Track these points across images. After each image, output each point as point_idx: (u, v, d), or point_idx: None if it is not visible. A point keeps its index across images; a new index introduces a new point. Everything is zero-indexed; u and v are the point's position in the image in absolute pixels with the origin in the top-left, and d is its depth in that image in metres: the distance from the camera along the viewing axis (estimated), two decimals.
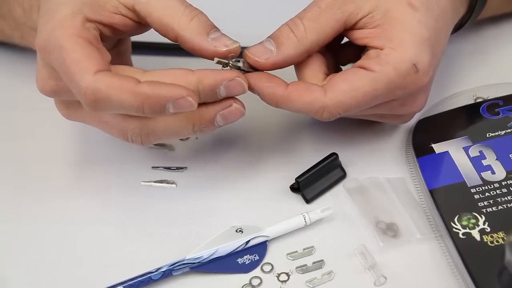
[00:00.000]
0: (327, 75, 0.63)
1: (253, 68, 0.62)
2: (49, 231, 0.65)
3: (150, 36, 0.64)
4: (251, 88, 0.62)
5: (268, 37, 0.63)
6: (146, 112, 0.56)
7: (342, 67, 0.67)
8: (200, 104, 0.59)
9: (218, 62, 0.60)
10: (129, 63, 0.68)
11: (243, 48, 0.61)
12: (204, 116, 0.60)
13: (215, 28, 0.60)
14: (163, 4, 0.60)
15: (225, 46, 0.60)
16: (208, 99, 0.59)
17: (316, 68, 0.63)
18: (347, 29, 0.63)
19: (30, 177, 0.69)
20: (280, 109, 0.62)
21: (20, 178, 0.70)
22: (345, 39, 0.67)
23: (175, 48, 0.62)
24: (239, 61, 0.61)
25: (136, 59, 0.70)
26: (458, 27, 0.71)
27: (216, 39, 0.60)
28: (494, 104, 0.70)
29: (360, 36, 0.63)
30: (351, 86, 0.61)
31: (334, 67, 0.66)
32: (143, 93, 0.56)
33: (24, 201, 0.68)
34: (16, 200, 0.68)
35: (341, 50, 0.68)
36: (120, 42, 0.66)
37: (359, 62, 0.62)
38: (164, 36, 0.61)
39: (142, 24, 0.62)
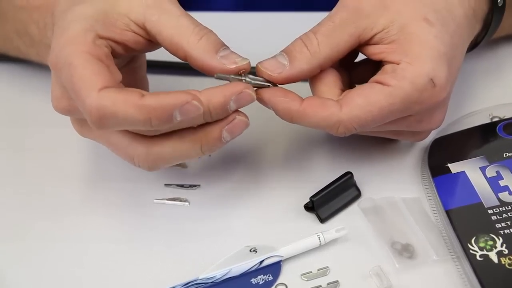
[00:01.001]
0: (343, 90, 0.63)
1: (265, 82, 0.61)
2: (62, 248, 0.65)
3: (165, 55, 0.63)
4: (265, 103, 0.61)
5: (281, 51, 0.62)
6: (154, 124, 0.56)
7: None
8: (204, 124, 0.59)
9: (218, 78, 0.60)
10: (144, 81, 0.68)
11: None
12: (210, 135, 0.59)
13: (224, 46, 0.60)
14: (173, 23, 0.60)
15: (234, 64, 0.60)
16: (220, 116, 0.59)
17: (331, 84, 0.63)
18: (361, 44, 0.63)
19: (43, 193, 0.69)
20: (293, 126, 0.62)
21: (33, 194, 0.69)
22: (359, 57, 0.66)
23: (190, 68, 0.62)
24: (245, 78, 0.61)
25: (151, 78, 0.69)
26: (473, 45, 0.71)
27: (225, 57, 0.60)
28: (510, 124, 0.69)
29: (375, 52, 0.63)
30: (367, 100, 0.60)
31: (348, 84, 0.66)
32: (148, 105, 0.55)
33: (36, 217, 0.67)
34: (28, 216, 0.68)
35: (355, 68, 0.68)
36: (133, 59, 0.66)
37: (375, 77, 0.62)
38: (174, 54, 0.61)
39: (153, 42, 0.62)
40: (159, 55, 0.65)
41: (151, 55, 0.66)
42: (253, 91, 0.60)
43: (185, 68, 0.75)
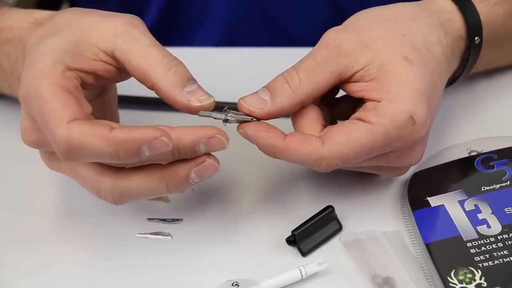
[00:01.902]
0: (324, 127, 0.64)
1: (248, 117, 0.62)
2: (42, 284, 0.65)
3: (137, 90, 0.64)
4: (249, 138, 0.62)
5: (263, 87, 0.63)
6: (122, 158, 0.56)
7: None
8: (173, 162, 0.59)
9: (201, 115, 0.60)
10: (114, 114, 0.68)
11: (220, 103, 0.61)
12: (178, 175, 0.59)
13: (192, 80, 0.61)
14: (142, 52, 0.60)
15: (199, 102, 0.60)
16: (188, 156, 0.59)
17: (313, 120, 0.64)
18: (342, 82, 0.64)
19: (23, 229, 0.69)
20: (275, 159, 0.62)
21: (13, 230, 0.69)
22: (340, 93, 0.67)
23: (162, 103, 0.62)
24: (227, 114, 0.61)
25: (123, 113, 0.70)
26: (452, 81, 0.72)
27: (191, 93, 0.60)
28: (488, 158, 0.70)
29: (356, 89, 0.64)
30: (349, 137, 0.61)
31: (330, 120, 0.67)
32: (116, 138, 0.56)
33: (16, 253, 0.67)
34: (7, 252, 0.67)
35: (336, 104, 0.68)
36: (104, 91, 0.66)
37: (356, 114, 0.63)
38: (142, 83, 0.61)
39: (123, 71, 0.62)
40: (131, 90, 0.65)
41: (123, 90, 0.66)
42: (226, 139, 0.59)
43: (157, 103, 0.75)
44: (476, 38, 0.70)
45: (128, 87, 0.65)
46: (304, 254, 0.66)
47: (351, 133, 0.61)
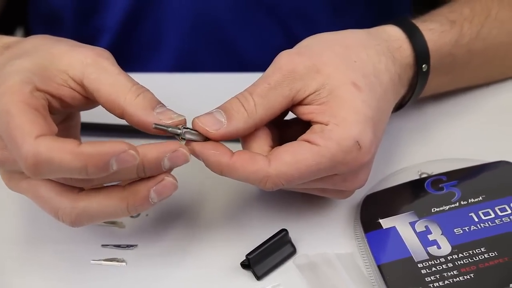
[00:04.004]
0: (272, 147, 0.65)
1: (199, 137, 0.63)
2: None
3: (100, 117, 0.64)
4: (196, 155, 0.63)
5: (218, 109, 0.64)
6: (90, 172, 0.56)
7: None
8: (132, 182, 0.60)
9: (156, 127, 0.61)
10: (77, 140, 0.68)
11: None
12: (138, 195, 0.60)
13: (160, 104, 0.62)
14: (111, 81, 0.61)
15: (170, 119, 0.61)
16: (153, 173, 0.60)
17: (261, 141, 0.65)
18: (294, 105, 0.65)
19: None
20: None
21: None
22: (290, 115, 0.68)
23: (126, 130, 0.63)
24: (182, 129, 0.62)
25: (84, 139, 0.69)
26: (400, 106, 0.74)
27: (161, 113, 0.61)
28: (438, 180, 0.72)
29: (305, 112, 0.65)
30: (295, 158, 0.62)
31: (278, 141, 0.67)
32: (84, 153, 0.56)
33: None
34: None
35: (285, 126, 0.69)
36: (69, 117, 0.66)
37: (303, 136, 0.64)
38: (111, 112, 0.62)
39: (90, 99, 0.63)
40: (94, 117, 0.66)
41: (86, 117, 0.67)
42: (188, 151, 0.61)
43: (120, 130, 0.76)
44: (423, 66, 0.72)
45: (90, 114, 0.65)
46: (258, 277, 0.66)
47: (298, 154, 0.62)
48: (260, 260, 0.66)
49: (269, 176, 0.62)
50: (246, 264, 0.66)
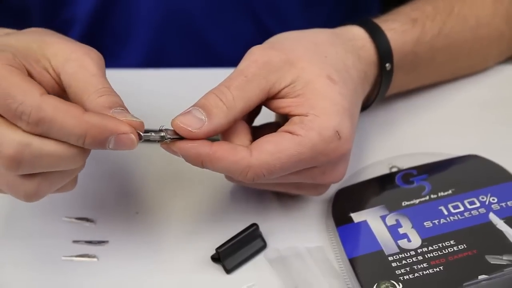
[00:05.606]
0: (251, 141, 0.64)
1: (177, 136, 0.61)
2: None
3: None
4: (176, 153, 0.62)
5: (195, 106, 0.62)
6: (87, 143, 0.56)
7: None
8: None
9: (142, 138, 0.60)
10: None
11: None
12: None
13: (122, 108, 0.59)
14: (84, 79, 0.60)
15: (125, 118, 0.58)
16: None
17: (242, 136, 0.64)
18: (269, 99, 0.65)
19: None
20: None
21: None
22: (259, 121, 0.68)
23: None
24: (164, 131, 0.61)
25: None
26: (367, 105, 0.75)
27: (118, 113, 0.59)
28: (408, 174, 0.72)
29: (282, 105, 0.65)
30: (277, 148, 0.62)
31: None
32: (89, 121, 0.56)
33: None
34: None
35: (256, 131, 0.68)
36: None
37: (284, 128, 0.64)
38: None
39: (65, 93, 0.61)
40: None
41: None
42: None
43: None
44: (387, 65, 0.72)
45: None
46: (228, 271, 0.66)
47: (279, 143, 0.62)
48: (230, 254, 0.66)
49: (250, 166, 0.61)
50: (216, 258, 0.66)
